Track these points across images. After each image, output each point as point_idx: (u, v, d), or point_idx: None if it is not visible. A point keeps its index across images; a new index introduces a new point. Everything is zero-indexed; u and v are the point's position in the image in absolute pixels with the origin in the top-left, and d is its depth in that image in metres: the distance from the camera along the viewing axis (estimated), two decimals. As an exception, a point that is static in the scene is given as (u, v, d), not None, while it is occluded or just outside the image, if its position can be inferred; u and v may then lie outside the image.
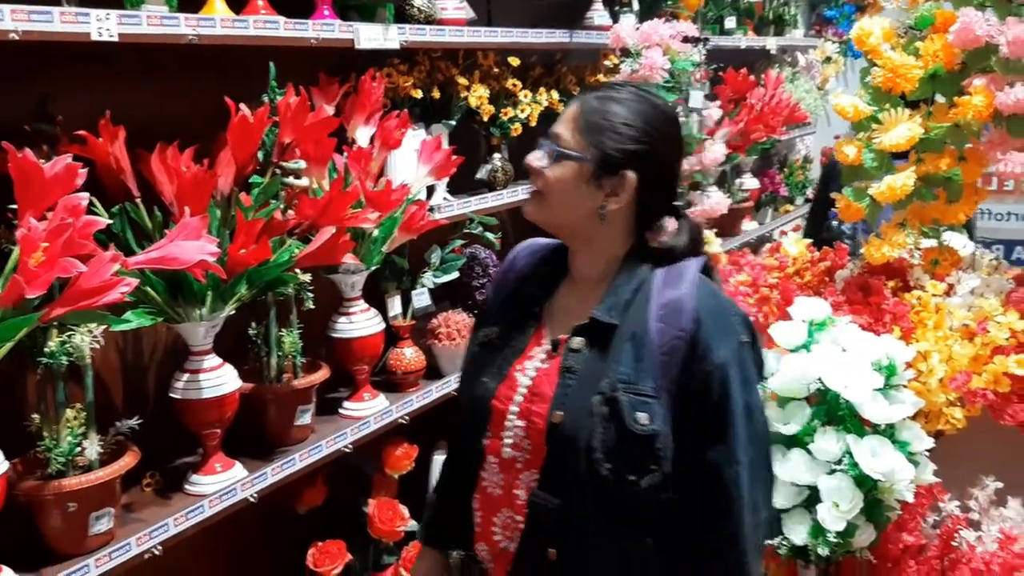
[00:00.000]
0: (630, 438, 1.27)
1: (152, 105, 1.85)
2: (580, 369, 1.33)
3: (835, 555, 1.82)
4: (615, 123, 1.34)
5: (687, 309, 1.30)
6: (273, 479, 1.88)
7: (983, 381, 1.97)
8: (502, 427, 1.37)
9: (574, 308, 1.39)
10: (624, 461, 1.28)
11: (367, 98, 2.07)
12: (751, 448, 1.31)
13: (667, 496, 1.30)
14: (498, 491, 1.39)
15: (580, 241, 1.41)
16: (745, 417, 1.31)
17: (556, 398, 1.33)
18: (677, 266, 1.36)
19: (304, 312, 2.03)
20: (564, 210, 1.38)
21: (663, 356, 1.29)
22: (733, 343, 1.31)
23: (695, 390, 1.29)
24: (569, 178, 1.35)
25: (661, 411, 1.28)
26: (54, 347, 1.53)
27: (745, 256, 2.88)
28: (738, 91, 4.00)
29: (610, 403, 1.28)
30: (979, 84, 2.11)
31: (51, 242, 1.30)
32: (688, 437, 1.30)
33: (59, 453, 1.54)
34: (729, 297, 1.40)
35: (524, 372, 1.39)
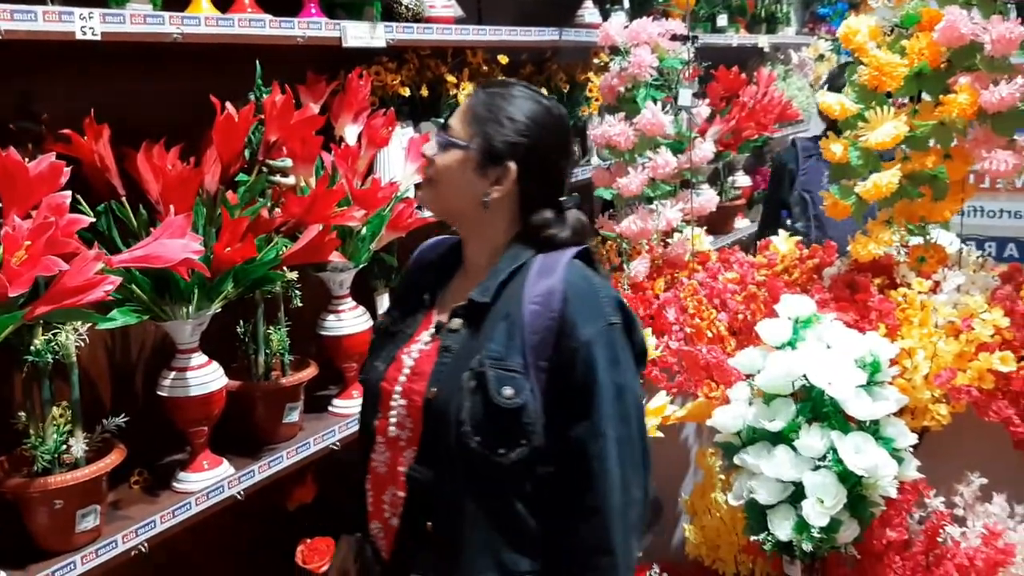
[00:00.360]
0: (497, 411, 1.33)
1: (137, 103, 1.85)
2: (456, 348, 1.40)
3: (820, 550, 1.83)
4: (500, 116, 1.41)
5: (557, 291, 1.37)
6: (261, 476, 1.89)
7: (968, 378, 1.98)
8: (388, 407, 1.44)
9: (461, 294, 1.46)
10: (492, 434, 1.33)
11: (354, 96, 2.08)
12: (621, 427, 1.36)
13: (543, 471, 1.36)
14: (384, 469, 1.45)
15: (468, 229, 1.48)
16: (614, 396, 1.36)
17: (433, 375, 1.40)
18: (554, 254, 1.43)
19: (292, 310, 2.04)
20: (451, 197, 1.45)
21: (534, 335, 1.35)
22: (600, 323, 1.37)
23: (563, 367, 1.35)
24: (455, 166, 1.43)
25: (529, 386, 1.34)
26: (40, 345, 1.53)
27: (735, 254, 2.89)
28: (730, 89, 4.01)
29: (478, 377, 1.34)
30: (964, 82, 2.12)
31: (34, 240, 1.31)
32: (558, 414, 1.35)
33: (45, 451, 1.54)
34: (604, 282, 1.45)
35: (410, 354, 1.46)
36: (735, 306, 2.44)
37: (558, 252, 1.43)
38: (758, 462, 1.88)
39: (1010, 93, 2.04)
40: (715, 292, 2.52)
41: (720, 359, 2.19)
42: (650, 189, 2.65)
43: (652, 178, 2.64)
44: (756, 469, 1.88)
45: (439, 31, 2.34)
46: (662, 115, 2.56)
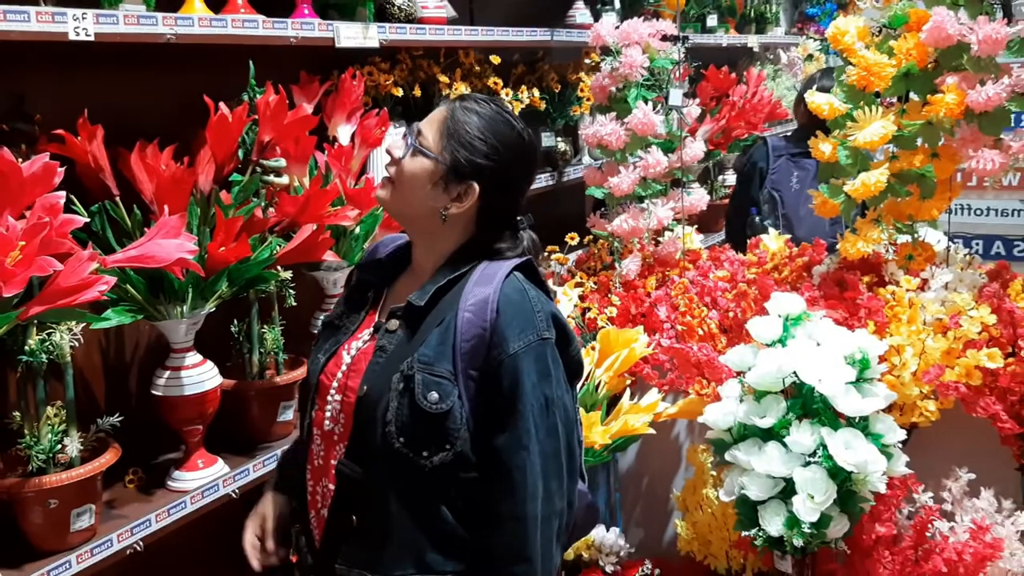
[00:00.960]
0: (420, 415, 1.35)
1: (131, 104, 1.86)
2: (391, 349, 1.42)
3: (810, 546, 1.84)
4: (472, 135, 1.43)
5: (491, 301, 1.38)
6: (255, 475, 1.89)
7: (955, 374, 2.00)
8: (325, 401, 1.47)
9: (404, 295, 1.48)
10: (416, 437, 1.36)
11: (347, 96, 2.09)
12: (548, 440, 1.38)
13: (467, 476, 1.38)
14: (320, 461, 1.48)
15: (418, 234, 1.50)
16: (541, 408, 1.38)
17: (366, 374, 1.42)
18: (495, 264, 1.45)
19: (286, 309, 2.04)
20: (410, 203, 1.46)
21: (465, 343, 1.37)
22: (530, 337, 1.38)
23: (491, 378, 1.37)
24: (420, 174, 1.43)
25: (456, 392, 1.36)
26: (34, 345, 1.54)
27: (725, 252, 2.91)
28: (720, 89, 4.03)
29: (406, 380, 1.37)
30: (951, 82, 2.14)
31: (28, 241, 1.31)
32: (485, 423, 1.38)
33: (40, 450, 1.55)
34: (541, 295, 1.46)
35: (349, 351, 1.48)
36: (725, 304, 2.46)
37: (499, 263, 1.45)
38: (749, 458, 1.90)
39: (996, 93, 2.07)
40: (706, 290, 2.54)
41: (711, 356, 2.21)
42: (641, 188, 2.67)
43: (643, 177, 2.66)
44: (747, 465, 1.90)
45: (432, 31, 2.35)
46: (653, 115, 2.58)
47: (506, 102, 2.68)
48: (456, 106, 1.47)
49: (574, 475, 1.46)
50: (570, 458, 1.44)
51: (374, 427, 1.38)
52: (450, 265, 1.46)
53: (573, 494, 1.47)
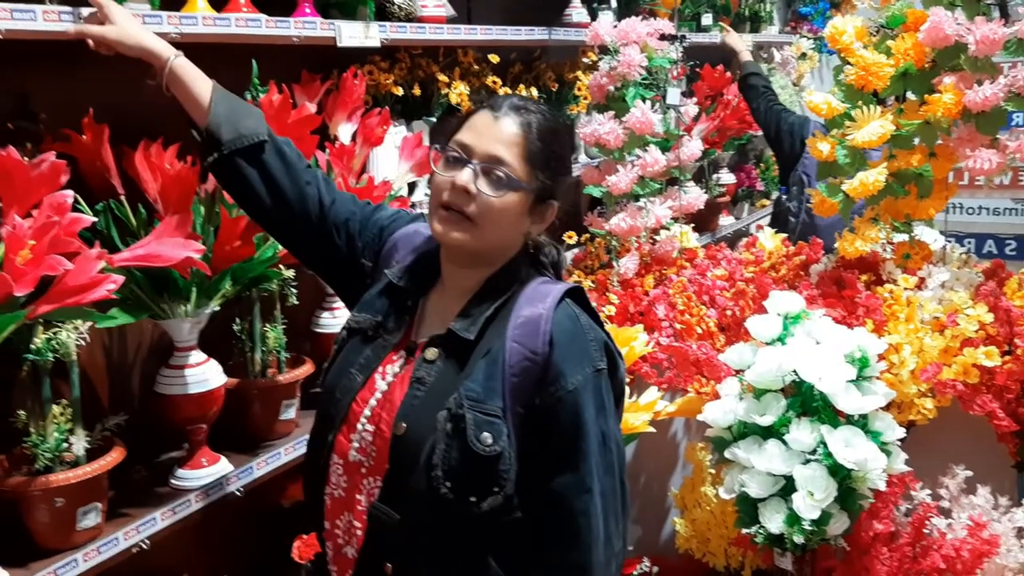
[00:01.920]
0: (473, 458, 1.24)
1: (135, 102, 1.84)
2: (431, 381, 1.31)
3: (810, 542, 1.86)
4: (555, 154, 1.34)
5: (542, 331, 1.27)
6: (259, 473, 1.90)
7: (953, 372, 2.02)
8: (354, 429, 1.34)
9: (440, 316, 1.37)
10: (465, 481, 1.24)
11: (349, 95, 2.09)
12: (606, 478, 1.29)
13: (512, 518, 1.28)
14: (341, 493, 1.36)
15: (478, 260, 1.36)
16: (599, 445, 1.28)
17: (402, 408, 1.30)
18: (542, 288, 1.34)
19: (288, 308, 2.05)
20: (495, 237, 1.33)
21: (514, 377, 1.26)
22: (588, 369, 1.29)
23: (546, 415, 1.27)
24: (513, 208, 1.31)
25: (507, 432, 1.25)
26: (40, 344, 1.53)
27: (722, 250, 2.92)
28: (715, 87, 4.05)
29: (455, 420, 1.25)
30: (949, 82, 2.16)
31: (38, 240, 1.32)
32: (536, 462, 1.27)
33: (46, 449, 1.55)
34: (591, 322, 1.35)
35: (384, 376, 1.36)
36: (724, 302, 2.48)
37: (546, 285, 1.35)
38: (749, 456, 1.91)
39: (994, 93, 2.09)
40: (704, 289, 2.55)
41: (710, 355, 2.22)
42: (639, 187, 2.68)
43: (641, 176, 2.67)
44: (747, 463, 1.91)
45: (431, 31, 2.36)
46: (651, 114, 2.59)
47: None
48: (532, 122, 1.33)
49: (627, 511, 1.37)
50: (623, 493, 1.35)
51: (416, 470, 1.26)
52: (493, 287, 1.35)
53: (627, 531, 1.38)
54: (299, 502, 2.28)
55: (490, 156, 1.30)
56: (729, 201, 4.57)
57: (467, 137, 1.33)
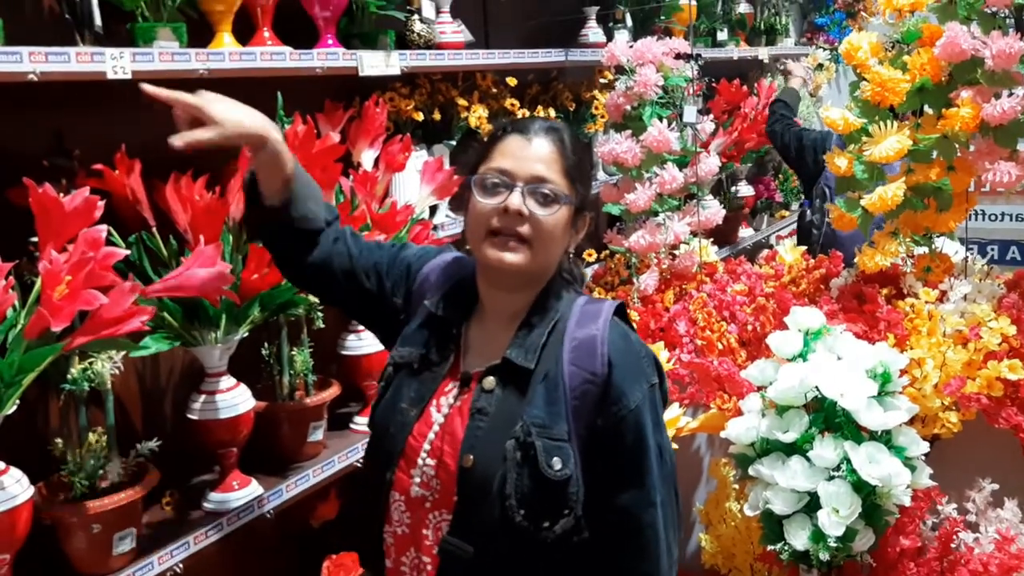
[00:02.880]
0: (544, 484, 1.25)
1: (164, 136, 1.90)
2: (492, 411, 1.30)
3: (836, 559, 1.86)
4: (589, 168, 1.41)
5: (600, 353, 1.30)
6: (288, 495, 1.93)
7: (977, 386, 2.02)
8: (414, 464, 1.33)
9: (487, 342, 1.36)
10: (538, 507, 1.26)
11: (371, 123, 2.13)
12: (663, 489, 1.33)
13: (579, 539, 1.29)
14: (405, 530, 1.35)
15: (529, 282, 1.37)
16: (658, 458, 1.33)
17: (466, 440, 1.29)
18: (591, 307, 1.36)
19: (315, 331, 2.08)
20: (550, 254, 1.35)
21: (575, 400, 1.28)
22: (644, 386, 1.32)
23: (608, 434, 1.29)
24: (562, 223, 1.34)
25: (573, 455, 1.27)
26: (76, 374, 1.58)
27: (742, 264, 2.93)
28: (731, 101, 4.07)
29: (524, 448, 1.26)
30: (966, 96, 2.16)
31: (74, 275, 1.36)
32: (601, 480, 1.29)
33: (83, 476, 1.59)
34: (639, 338, 1.40)
35: (439, 409, 1.35)
36: (744, 318, 2.49)
37: (593, 305, 1.37)
38: (772, 473, 1.92)
39: (1011, 106, 2.09)
40: (724, 304, 2.56)
41: (732, 371, 2.23)
42: (657, 204, 2.70)
43: (659, 193, 2.69)
44: (771, 480, 1.92)
45: (450, 56, 2.40)
46: (668, 132, 2.62)
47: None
48: (563, 137, 1.36)
49: (681, 519, 1.42)
50: (677, 503, 1.40)
51: (488, 501, 1.26)
52: (540, 311, 1.36)
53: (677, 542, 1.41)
54: (329, 522, 2.31)
55: (533, 176, 1.32)
56: (748, 213, 4.57)
57: (504, 163, 1.33)
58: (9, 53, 1.43)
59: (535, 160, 1.32)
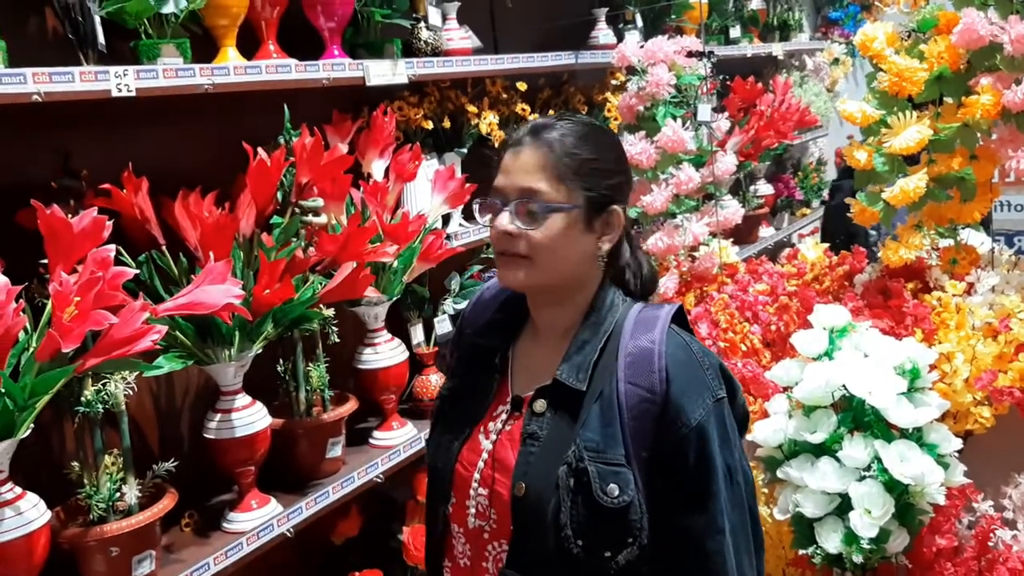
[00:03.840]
0: (601, 512, 1.18)
1: (171, 153, 1.90)
2: (544, 435, 1.24)
3: (870, 561, 1.81)
4: (598, 160, 1.27)
5: (657, 368, 1.21)
6: (308, 513, 1.91)
7: (1009, 379, 1.96)
8: (467, 495, 1.29)
9: (538, 362, 1.31)
10: (597, 537, 1.18)
11: (380, 133, 2.12)
12: (734, 513, 1.23)
13: (648, 569, 1.21)
14: (466, 561, 1.31)
15: (559, 296, 1.30)
16: (726, 480, 1.22)
17: (518, 467, 1.24)
18: (647, 315, 1.27)
19: (329, 345, 2.06)
20: (560, 266, 1.26)
21: (633, 421, 1.20)
22: (708, 401, 1.22)
23: (669, 455, 1.20)
24: (561, 232, 1.24)
25: (633, 480, 1.19)
26: (90, 396, 1.57)
27: (763, 264, 2.88)
28: (747, 99, 4.02)
29: (577, 474, 1.19)
30: (986, 83, 2.11)
31: (83, 296, 1.35)
32: (665, 506, 1.21)
33: (100, 499, 1.57)
34: (702, 346, 1.29)
35: (488, 435, 1.30)
36: (767, 318, 2.44)
37: (650, 313, 1.27)
38: (802, 475, 1.87)
39: (1033, 91, 2.04)
40: (746, 305, 2.52)
41: (756, 372, 2.19)
42: (674, 205, 2.66)
43: (676, 194, 2.66)
44: (800, 482, 1.87)
45: (458, 63, 2.38)
46: (682, 131, 2.58)
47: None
48: (551, 141, 1.26)
49: (760, 544, 1.30)
50: (755, 527, 1.29)
51: (543, 531, 1.20)
52: (591, 324, 1.27)
53: (761, 563, 1.31)
54: (351, 539, 2.29)
55: (520, 190, 1.25)
56: (768, 212, 4.52)
57: (498, 181, 1.30)
58: (12, 75, 1.42)
59: (522, 172, 1.26)
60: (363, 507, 2.30)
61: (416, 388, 2.39)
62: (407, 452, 2.20)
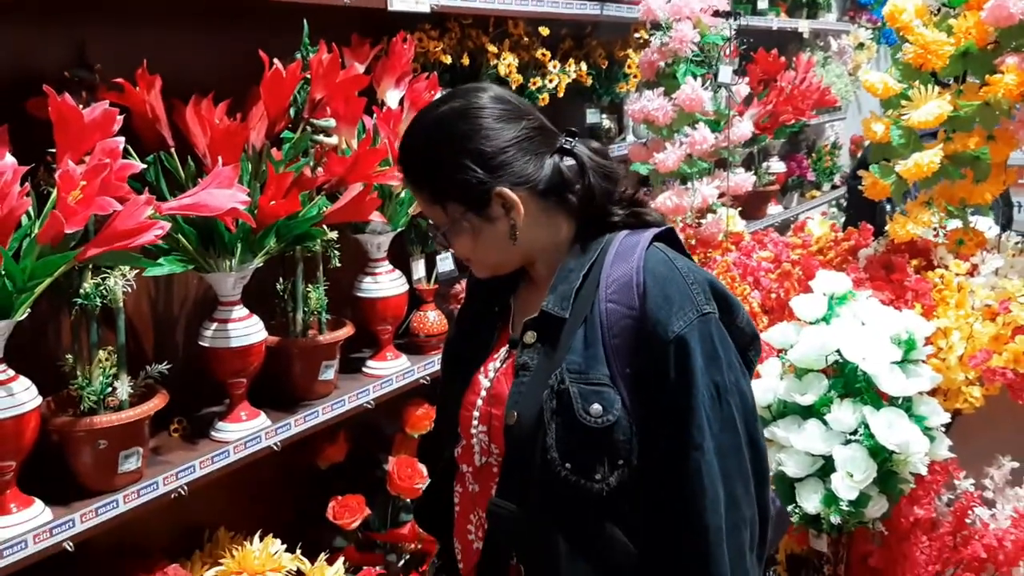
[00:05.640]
0: (585, 432, 1.18)
1: (187, 57, 1.88)
2: (534, 365, 1.25)
3: (847, 524, 1.83)
4: (441, 171, 1.24)
5: (635, 283, 1.19)
6: (297, 430, 1.92)
7: (1003, 360, 1.97)
8: (470, 435, 1.32)
9: (534, 303, 1.31)
10: (584, 458, 1.18)
11: (397, 60, 2.10)
12: (724, 435, 1.18)
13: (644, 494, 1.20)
14: (476, 488, 1.33)
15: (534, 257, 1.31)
16: (712, 399, 1.18)
17: (511, 397, 1.25)
18: (629, 240, 1.26)
19: (330, 271, 2.06)
20: (496, 256, 1.30)
21: (615, 339, 1.19)
22: (691, 314, 1.18)
23: (651, 369, 1.18)
24: (468, 239, 1.27)
25: (619, 399, 1.18)
26: (89, 289, 1.57)
27: (768, 235, 2.88)
28: (768, 72, 3.99)
29: (559, 396, 1.19)
30: (1011, 62, 2.10)
31: (89, 181, 1.34)
32: (653, 425, 1.19)
33: (91, 392, 1.58)
34: (691, 263, 1.26)
35: (487, 375, 1.33)
36: (768, 284, 2.44)
37: (632, 237, 1.25)
38: (788, 435, 1.89)
39: (1059, 74, 2.02)
40: (749, 270, 2.52)
41: (752, 334, 2.19)
42: (687, 165, 2.65)
43: (689, 154, 2.64)
44: (786, 442, 1.89)
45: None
46: (701, 91, 2.56)
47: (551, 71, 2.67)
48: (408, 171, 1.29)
49: (763, 476, 1.25)
50: (756, 455, 1.23)
51: (532, 457, 1.20)
52: (574, 256, 1.27)
53: (765, 498, 1.25)
54: (337, 465, 2.31)
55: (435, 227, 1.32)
56: (778, 190, 4.50)
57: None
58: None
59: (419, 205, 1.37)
60: (351, 435, 2.31)
61: (413, 323, 2.39)
62: (399, 383, 2.20)
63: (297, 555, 1.98)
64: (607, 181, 1.29)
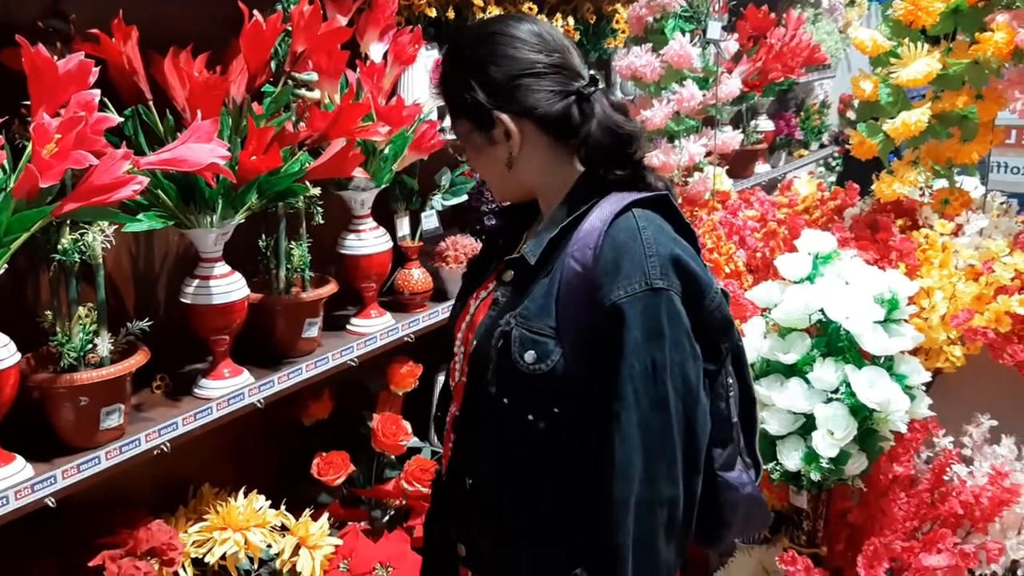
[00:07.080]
0: (519, 376, 1.22)
1: (165, 8, 1.83)
2: (503, 302, 1.30)
3: (827, 481, 1.85)
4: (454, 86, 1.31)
5: (594, 244, 1.20)
6: (280, 387, 1.91)
7: (985, 320, 1.98)
8: (455, 352, 1.41)
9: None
10: (519, 397, 1.24)
11: (381, 13, 2.05)
12: (653, 413, 1.17)
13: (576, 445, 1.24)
14: (455, 408, 1.41)
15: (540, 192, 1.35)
16: (646, 374, 1.16)
17: (480, 326, 1.32)
18: (615, 196, 1.24)
19: (314, 228, 2.04)
20: (492, 180, 1.38)
21: (566, 295, 1.21)
22: (635, 285, 1.17)
23: (590, 333, 1.20)
24: (473, 154, 1.36)
25: (559, 351, 1.20)
26: (67, 244, 1.55)
27: (755, 194, 2.87)
28: (758, 29, 3.94)
29: (504, 336, 1.25)
30: (1002, 20, 2.08)
31: (64, 134, 1.32)
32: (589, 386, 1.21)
33: (71, 348, 1.57)
34: (662, 237, 1.22)
35: (476, 300, 1.41)
36: (754, 243, 2.44)
37: (621, 196, 1.24)
38: (770, 394, 1.90)
39: (1049, 33, 2.01)
40: (734, 229, 2.51)
41: (736, 293, 2.20)
42: (674, 123, 2.63)
43: (676, 112, 2.62)
44: (768, 400, 1.90)
45: (468, -51, 2.30)
46: (690, 47, 2.53)
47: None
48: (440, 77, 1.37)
49: (694, 462, 1.23)
50: (690, 439, 1.21)
51: (482, 385, 1.28)
52: (562, 206, 1.29)
53: (694, 485, 1.23)
54: (321, 422, 2.31)
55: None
56: (766, 149, 4.47)
57: None
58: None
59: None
60: (335, 392, 2.31)
61: (398, 281, 2.37)
62: (383, 340, 2.20)
63: (282, 511, 1.99)
64: (613, 138, 1.26)
